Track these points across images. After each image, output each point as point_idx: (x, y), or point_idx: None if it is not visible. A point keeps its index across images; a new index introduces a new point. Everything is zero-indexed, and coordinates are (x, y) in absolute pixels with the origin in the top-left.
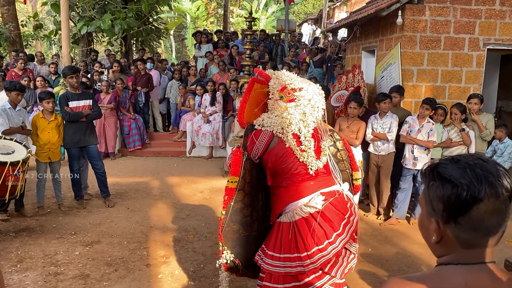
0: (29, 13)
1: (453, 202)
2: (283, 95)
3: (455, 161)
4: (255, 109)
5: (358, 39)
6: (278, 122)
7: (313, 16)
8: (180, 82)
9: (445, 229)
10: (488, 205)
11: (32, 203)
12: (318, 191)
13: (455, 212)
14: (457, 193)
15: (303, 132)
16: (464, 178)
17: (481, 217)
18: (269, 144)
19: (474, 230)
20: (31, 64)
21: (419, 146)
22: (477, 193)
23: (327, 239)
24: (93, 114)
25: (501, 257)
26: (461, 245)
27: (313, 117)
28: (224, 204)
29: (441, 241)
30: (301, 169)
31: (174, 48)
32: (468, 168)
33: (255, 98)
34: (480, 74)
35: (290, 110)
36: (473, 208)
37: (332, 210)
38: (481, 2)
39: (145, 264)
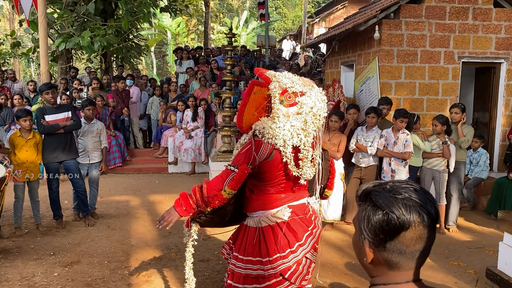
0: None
1: (383, 229)
2: (283, 99)
3: (388, 190)
4: (254, 112)
5: (337, 54)
6: (281, 135)
7: (292, 32)
8: (161, 98)
9: (375, 252)
10: (414, 232)
11: (9, 224)
12: (286, 204)
13: (384, 237)
14: (387, 221)
15: (303, 141)
16: (394, 207)
17: (407, 243)
18: (268, 157)
19: (400, 253)
20: (8, 82)
21: (396, 159)
22: (405, 222)
23: (290, 247)
24: (71, 125)
25: (482, 266)
26: (388, 267)
27: (314, 126)
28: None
29: (372, 262)
30: (282, 183)
31: (155, 65)
32: (399, 197)
33: (255, 101)
34: (456, 86)
35: (292, 122)
36: (401, 235)
37: (297, 222)
38: (455, 16)
39: (127, 284)
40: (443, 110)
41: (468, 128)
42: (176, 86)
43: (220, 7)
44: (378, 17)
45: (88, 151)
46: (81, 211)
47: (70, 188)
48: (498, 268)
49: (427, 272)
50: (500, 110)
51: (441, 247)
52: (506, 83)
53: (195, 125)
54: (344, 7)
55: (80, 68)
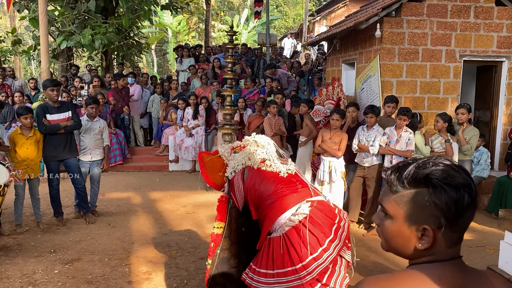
0: (7, 28)
1: (457, 206)
2: (235, 150)
3: (445, 169)
4: (219, 173)
5: (338, 52)
6: (243, 156)
7: (293, 31)
8: (162, 96)
9: (436, 233)
10: (474, 204)
11: (10, 221)
12: (304, 200)
13: (458, 214)
14: (461, 197)
15: (264, 152)
16: (467, 186)
17: (469, 216)
18: (243, 177)
19: (463, 230)
20: (8, 79)
21: (398, 157)
22: (472, 195)
23: (321, 246)
24: (71, 126)
25: (483, 265)
26: (447, 246)
27: (264, 141)
28: (210, 251)
29: (431, 244)
30: (279, 185)
31: (156, 63)
32: (457, 174)
33: (213, 165)
34: (458, 85)
35: (246, 148)
36: (465, 211)
37: (321, 215)
38: (456, 15)
39: (127, 281)
40: (444, 109)
41: (473, 131)
42: (177, 84)
43: (221, 5)
44: (379, 15)
45: (90, 149)
46: (82, 209)
47: (70, 186)
48: (499, 267)
49: None
50: (502, 109)
51: None
52: (508, 82)
53: (196, 123)
54: (345, 5)
55: (81, 66)
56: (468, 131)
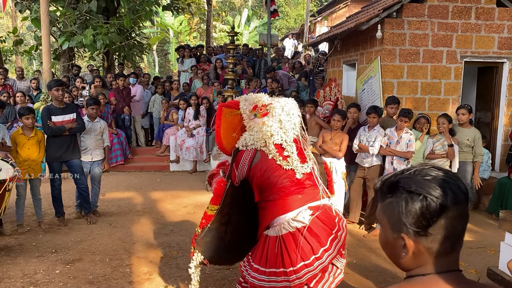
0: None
1: (424, 214)
2: (256, 113)
3: (415, 173)
4: (233, 134)
5: (339, 53)
6: (260, 136)
7: (295, 31)
8: (163, 97)
9: (416, 242)
10: (454, 211)
11: (11, 221)
12: (306, 205)
13: (426, 223)
14: (427, 204)
15: (284, 139)
16: (430, 189)
17: (450, 224)
18: (253, 160)
19: (445, 238)
20: (10, 79)
21: (399, 158)
22: (444, 202)
23: (314, 254)
24: (76, 128)
25: (483, 266)
26: (432, 256)
27: (290, 123)
28: (201, 225)
29: (412, 255)
30: (287, 182)
31: (157, 63)
32: (430, 178)
33: (229, 123)
34: (459, 86)
35: (267, 123)
36: (442, 217)
37: (320, 225)
38: (457, 16)
39: (128, 282)
40: (445, 110)
41: (474, 132)
42: (178, 84)
43: (222, 5)
44: (380, 16)
45: (91, 149)
46: (83, 209)
47: (72, 186)
48: (499, 268)
49: None
50: (503, 110)
51: None
52: (509, 83)
53: (197, 124)
54: (346, 6)
55: (83, 66)
56: (471, 131)
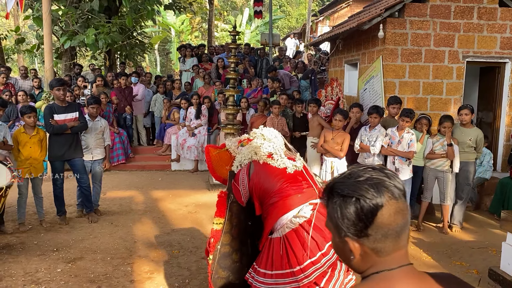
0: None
1: (359, 216)
2: (242, 144)
3: (348, 177)
4: (226, 167)
5: (341, 53)
6: (250, 150)
7: (296, 31)
8: (165, 96)
9: (360, 244)
10: (390, 208)
11: (13, 220)
12: (307, 202)
13: (363, 224)
14: (360, 206)
15: (271, 146)
16: (362, 190)
17: (388, 221)
18: (249, 173)
19: (384, 235)
20: (12, 78)
21: (400, 157)
22: (378, 201)
23: (320, 250)
24: (78, 126)
25: (485, 266)
26: (378, 255)
27: (272, 135)
28: (211, 248)
29: (360, 257)
30: (284, 184)
31: (159, 62)
32: (362, 179)
33: (219, 158)
34: (461, 86)
35: (253, 142)
36: (378, 215)
37: (322, 219)
38: (460, 16)
39: (129, 280)
40: (447, 110)
41: (476, 132)
42: (180, 83)
43: (224, 4)
44: (382, 16)
45: (91, 148)
46: (85, 208)
47: (73, 185)
48: (500, 268)
49: (429, 271)
50: (505, 110)
51: (443, 247)
52: (511, 83)
53: (198, 123)
54: (348, 6)
55: (84, 65)
56: (473, 131)
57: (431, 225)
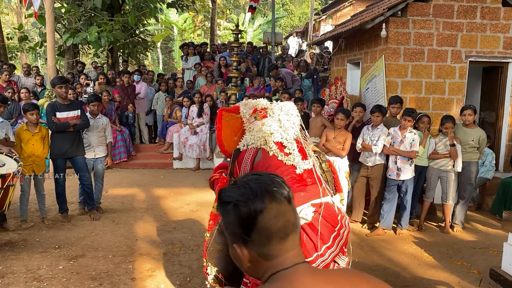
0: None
1: (240, 222)
2: (256, 115)
3: (233, 185)
4: (234, 138)
5: (343, 52)
6: (260, 135)
7: (299, 29)
8: (167, 94)
9: (248, 250)
10: (270, 212)
11: (15, 217)
12: (309, 202)
13: (245, 230)
14: (239, 211)
15: (284, 137)
16: (240, 196)
17: (269, 224)
18: (254, 159)
19: (268, 239)
20: (15, 76)
21: (402, 157)
22: (256, 205)
23: (316, 251)
24: (80, 124)
25: (486, 266)
26: (267, 259)
27: (290, 122)
28: (209, 228)
29: (252, 262)
30: (289, 179)
31: (161, 60)
32: (243, 185)
33: (230, 126)
34: (463, 85)
35: (267, 123)
36: (259, 220)
37: (322, 222)
38: (463, 15)
39: (131, 278)
40: (449, 109)
41: (479, 132)
42: (182, 82)
43: (227, 3)
44: (385, 15)
45: (93, 146)
46: (87, 205)
47: (75, 183)
48: (502, 269)
49: (430, 271)
50: (507, 110)
51: (445, 247)
52: None
53: (200, 121)
54: (351, 5)
55: (87, 63)
56: (476, 131)
57: (433, 225)
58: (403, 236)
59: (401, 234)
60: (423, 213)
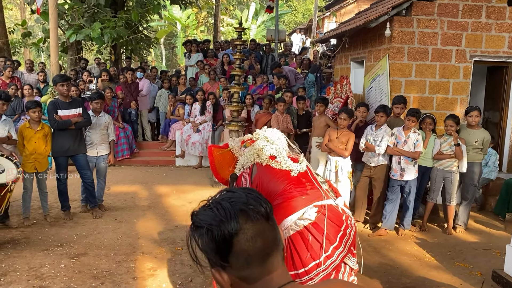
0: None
1: (215, 246)
2: (245, 144)
3: (205, 207)
4: (229, 168)
5: (347, 50)
6: (252, 153)
7: (302, 26)
8: (170, 91)
9: (228, 274)
10: (246, 233)
11: (18, 214)
12: (311, 204)
13: (220, 254)
14: (212, 236)
15: (274, 148)
16: (212, 219)
17: (246, 246)
18: (252, 175)
19: (249, 262)
20: (18, 72)
21: (406, 157)
22: (229, 227)
23: (324, 252)
24: (82, 122)
25: (488, 268)
26: (249, 282)
27: (275, 136)
28: None
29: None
30: (287, 186)
31: (164, 56)
32: (215, 207)
33: (222, 159)
34: (467, 85)
35: (256, 143)
36: (234, 243)
37: (327, 221)
38: (468, 15)
39: (132, 277)
40: (453, 109)
41: (484, 133)
42: (185, 79)
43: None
44: (389, 14)
45: (96, 144)
46: (89, 203)
47: (78, 180)
48: (504, 271)
49: (432, 272)
50: (511, 110)
51: (447, 248)
52: None
53: (203, 119)
54: (355, 2)
55: (90, 59)
56: (480, 132)
57: (435, 226)
58: (405, 236)
59: (403, 234)
60: (426, 214)
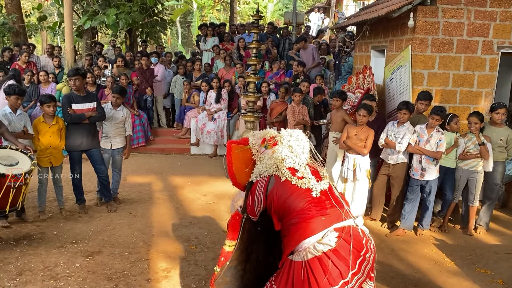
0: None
1: None
2: (266, 145)
3: None
4: (246, 169)
5: (368, 37)
6: (271, 162)
7: (321, 4)
8: (185, 77)
9: None
10: None
11: (34, 207)
12: (331, 227)
13: None
14: None
15: (296, 161)
16: None
17: None
18: (267, 187)
19: None
20: (34, 56)
21: (427, 157)
22: None
23: (343, 278)
24: (96, 117)
25: (510, 275)
26: None
27: (300, 147)
28: (220, 264)
29: None
30: (306, 204)
31: (180, 34)
32: None
33: (240, 158)
34: (493, 78)
35: (277, 150)
36: None
37: (347, 247)
38: (497, 4)
39: (146, 279)
40: (477, 103)
41: (508, 131)
42: (200, 65)
43: None
44: (413, 3)
45: (110, 137)
46: (104, 196)
47: (93, 170)
48: None
49: (451, 279)
50: None
51: (467, 251)
52: None
53: (218, 107)
54: None
55: (105, 43)
56: (504, 130)
57: (454, 225)
58: (424, 237)
59: (422, 235)
60: (447, 214)
